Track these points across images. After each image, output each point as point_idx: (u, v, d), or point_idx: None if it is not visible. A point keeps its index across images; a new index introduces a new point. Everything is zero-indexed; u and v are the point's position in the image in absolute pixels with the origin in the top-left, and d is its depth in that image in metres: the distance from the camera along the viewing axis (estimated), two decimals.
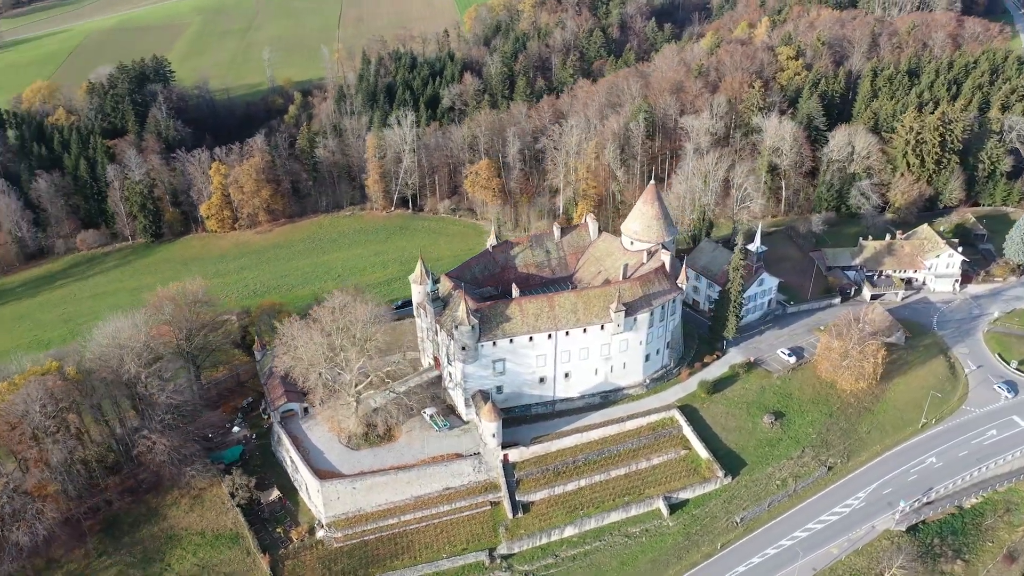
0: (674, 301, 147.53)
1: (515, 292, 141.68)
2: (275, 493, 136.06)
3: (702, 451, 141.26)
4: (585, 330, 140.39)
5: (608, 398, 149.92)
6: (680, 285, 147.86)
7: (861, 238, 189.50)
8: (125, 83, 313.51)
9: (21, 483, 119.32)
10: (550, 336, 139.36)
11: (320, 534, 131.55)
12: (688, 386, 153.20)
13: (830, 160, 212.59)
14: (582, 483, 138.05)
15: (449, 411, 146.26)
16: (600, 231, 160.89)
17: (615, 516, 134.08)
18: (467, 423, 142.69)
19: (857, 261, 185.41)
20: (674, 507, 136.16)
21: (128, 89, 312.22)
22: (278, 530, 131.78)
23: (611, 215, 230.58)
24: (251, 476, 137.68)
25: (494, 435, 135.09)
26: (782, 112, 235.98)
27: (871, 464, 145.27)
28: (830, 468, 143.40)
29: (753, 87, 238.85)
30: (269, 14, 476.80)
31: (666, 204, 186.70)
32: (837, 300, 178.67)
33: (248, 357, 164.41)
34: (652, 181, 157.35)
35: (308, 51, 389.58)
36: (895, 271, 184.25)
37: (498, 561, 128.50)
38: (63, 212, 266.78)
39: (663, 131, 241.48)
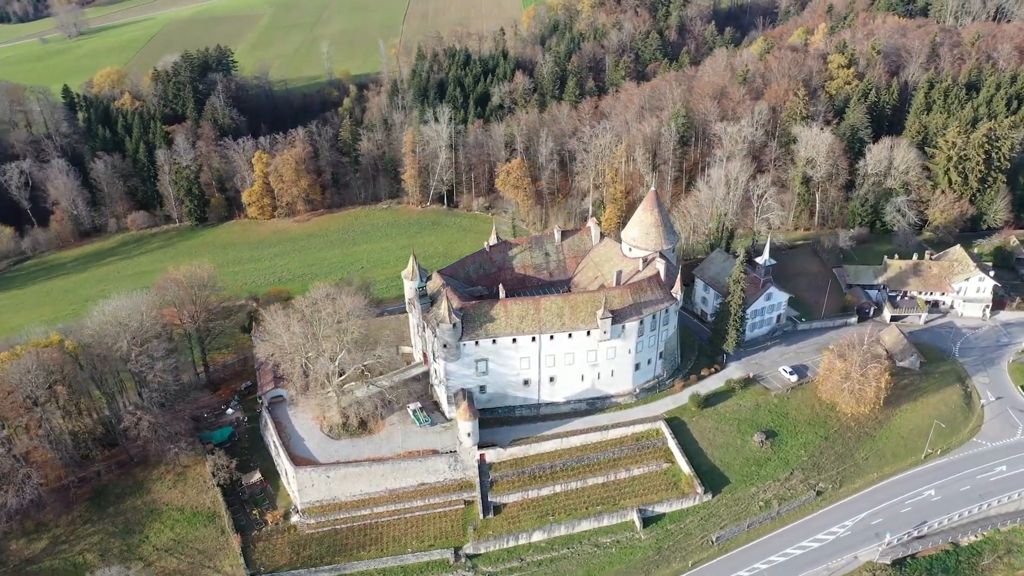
0: (667, 311, 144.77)
1: (502, 293, 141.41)
2: (256, 476, 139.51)
3: (684, 466, 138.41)
4: (571, 335, 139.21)
5: (595, 405, 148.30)
6: (675, 295, 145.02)
7: (886, 256, 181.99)
8: (187, 71, 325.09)
9: (11, 449, 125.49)
10: (534, 339, 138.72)
11: (294, 519, 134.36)
12: (680, 398, 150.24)
13: (866, 174, 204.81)
14: (557, 489, 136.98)
15: (435, 407, 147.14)
16: (602, 236, 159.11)
17: (586, 525, 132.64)
18: (450, 421, 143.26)
19: (880, 280, 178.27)
20: (649, 520, 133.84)
21: (190, 77, 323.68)
22: (254, 512, 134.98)
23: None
24: (236, 458, 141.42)
25: (469, 434, 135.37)
26: (827, 122, 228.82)
27: (864, 492, 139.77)
28: (819, 493, 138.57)
29: (797, 95, 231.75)
30: (338, 8, 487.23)
31: (687, 212, 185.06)
32: (853, 319, 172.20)
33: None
34: (652, 188, 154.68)
35: (368, 46, 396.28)
36: (920, 292, 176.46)
37: (463, 560, 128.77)
38: (120, 193, 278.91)
39: (703, 137, 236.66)
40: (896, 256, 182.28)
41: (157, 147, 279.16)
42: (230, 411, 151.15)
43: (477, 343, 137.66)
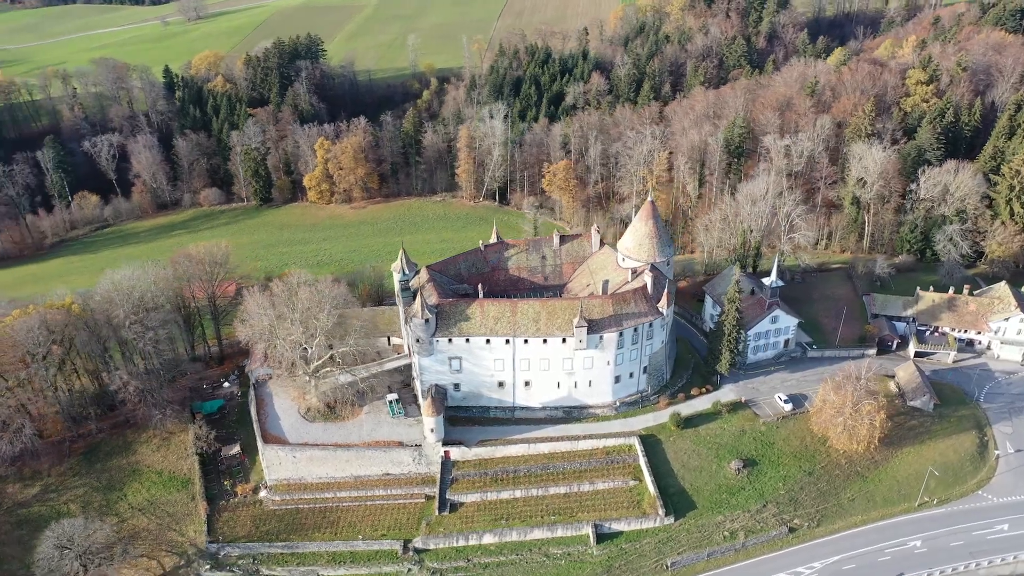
0: (651, 325, 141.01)
1: (480, 293, 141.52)
2: (236, 448, 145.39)
3: (650, 485, 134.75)
4: (545, 341, 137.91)
5: (572, 414, 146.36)
6: (661, 309, 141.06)
7: (919, 288, 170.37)
8: (275, 57, 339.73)
9: (8, 399, 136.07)
10: (508, 341, 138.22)
11: (262, 494, 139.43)
12: (662, 416, 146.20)
13: (918, 198, 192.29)
14: (517, 494, 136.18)
15: (414, 400, 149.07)
16: (602, 244, 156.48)
17: (539, 533, 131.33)
18: None
19: (909, 312, 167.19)
20: (604, 536, 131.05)
21: (277, 63, 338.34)
22: (227, 483, 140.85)
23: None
24: (223, 430, 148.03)
25: (433, 430, 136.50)
26: (894, 141, 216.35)
27: (843, 534, 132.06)
28: (792, 530, 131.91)
29: (863, 110, 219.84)
30: (439, 1, 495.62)
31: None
32: (872, 351, 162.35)
33: None
34: (649, 198, 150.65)
35: (459, 40, 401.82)
36: (953, 329, 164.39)
37: (411, 553, 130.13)
38: (201, 170, 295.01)
39: (763, 149, 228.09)
40: (931, 288, 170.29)
41: (239, 129, 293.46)
42: (226, 385, 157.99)
43: (451, 341, 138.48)
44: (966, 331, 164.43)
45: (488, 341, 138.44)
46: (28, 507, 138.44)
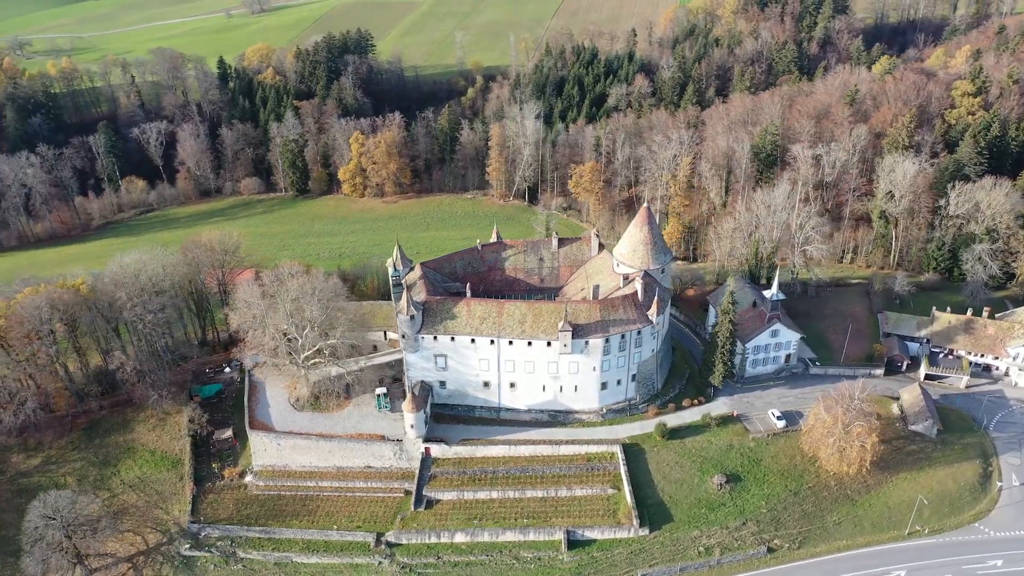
0: (639, 333, 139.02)
1: (468, 292, 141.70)
2: (228, 433, 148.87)
3: (628, 495, 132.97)
4: (530, 343, 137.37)
5: (557, 418, 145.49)
6: (650, 318, 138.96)
7: (935, 308, 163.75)
8: (324, 51, 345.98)
9: (16, 373, 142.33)
10: (493, 342, 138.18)
11: (247, 479, 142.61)
12: (649, 425, 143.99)
13: (946, 214, 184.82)
14: (494, 495, 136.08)
15: (404, 395, 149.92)
16: (601, 248, 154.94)
17: (511, 536, 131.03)
18: None
19: (922, 332, 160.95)
20: (576, 543, 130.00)
21: (326, 57, 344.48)
22: (215, 466, 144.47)
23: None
24: (219, 414, 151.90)
25: (413, 426, 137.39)
26: (934, 155, 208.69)
27: (824, 558, 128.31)
28: (772, 550, 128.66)
29: (903, 121, 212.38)
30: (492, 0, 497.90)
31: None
32: (879, 371, 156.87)
33: None
34: (645, 204, 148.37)
35: (509, 38, 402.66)
36: (968, 353, 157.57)
37: (383, 547, 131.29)
38: (247, 159, 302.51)
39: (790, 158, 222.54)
40: (948, 309, 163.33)
41: (283, 120, 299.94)
42: (228, 370, 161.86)
43: (436, 338, 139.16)
44: (982, 356, 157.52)
45: (473, 341, 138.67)
46: (29, 477, 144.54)
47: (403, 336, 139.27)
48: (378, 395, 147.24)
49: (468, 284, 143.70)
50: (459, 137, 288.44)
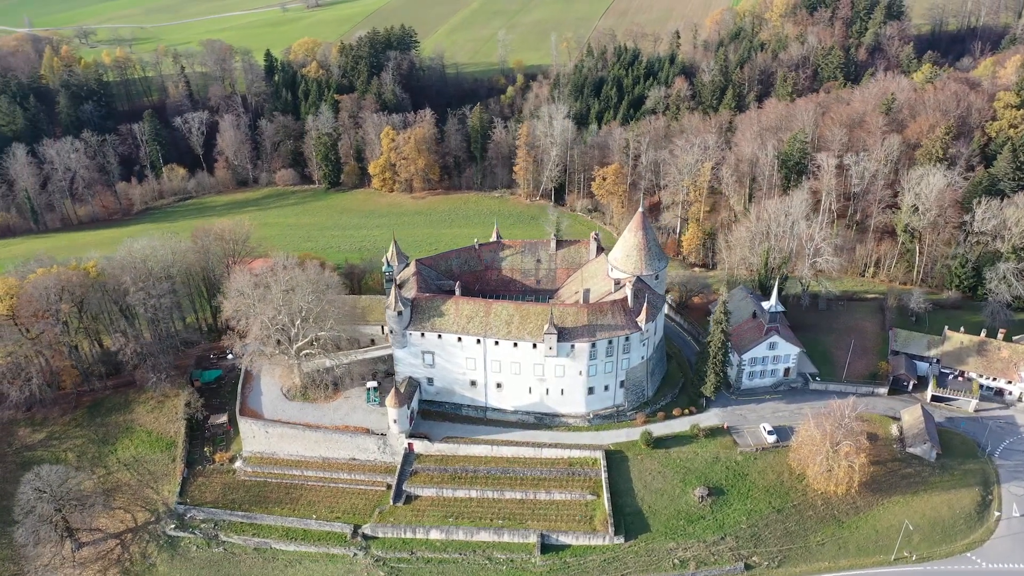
0: (627, 339, 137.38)
1: (457, 291, 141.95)
2: (223, 418, 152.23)
3: (606, 502, 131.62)
4: (516, 344, 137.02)
5: (543, 421, 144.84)
6: (639, 324, 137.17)
7: (947, 327, 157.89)
8: (367, 47, 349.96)
9: (25, 349, 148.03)
10: (479, 341, 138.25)
11: (237, 464, 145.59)
12: (636, 432, 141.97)
13: (971, 231, 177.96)
14: (473, 494, 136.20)
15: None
16: (600, 251, 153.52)
17: (485, 536, 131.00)
18: None
19: (932, 352, 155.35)
20: (550, 548, 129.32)
21: (368, 52, 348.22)
22: (207, 449, 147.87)
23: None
24: (213, 399, 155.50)
25: (395, 420, 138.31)
26: (969, 168, 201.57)
27: None
28: (749, 567, 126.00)
29: (938, 132, 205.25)
30: None
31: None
32: (883, 390, 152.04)
33: None
34: (640, 209, 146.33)
35: (556, 37, 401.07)
36: (980, 376, 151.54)
37: (359, 539, 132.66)
38: (286, 152, 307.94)
39: (814, 167, 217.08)
40: (962, 329, 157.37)
41: (319, 113, 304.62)
42: (230, 356, 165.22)
43: (423, 335, 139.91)
44: (995, 379, 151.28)
45: (460, 339, 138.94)
46: (33, 450, 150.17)
47: (391, 331, 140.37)
48: (368, 389, 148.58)
49: (458, 283, 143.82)
50: (491, 135, 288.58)
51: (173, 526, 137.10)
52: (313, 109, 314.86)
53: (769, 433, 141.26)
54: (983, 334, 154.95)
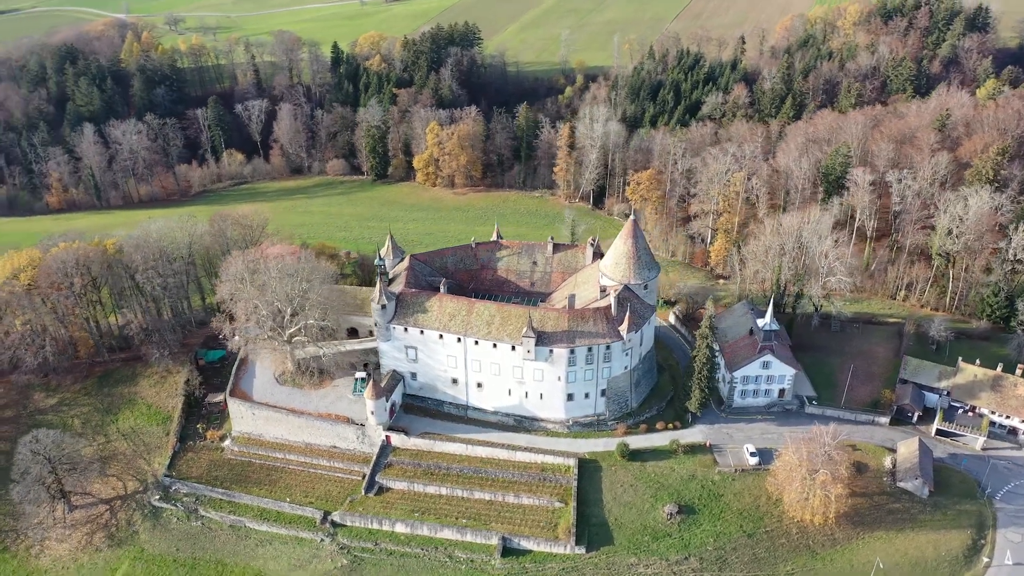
0: (608, 348, 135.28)
1: (442, 288, 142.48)
2: (220, 397, 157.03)
3: (572, 511, 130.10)
4: (495, 345, 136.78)
5: (523, 424, 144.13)
6: (621, 333, 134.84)
7: (960, 358, 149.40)
8: (428, 42, 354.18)
9: (41, 317, 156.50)
10: (460, 340, 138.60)
11: (226, 443, 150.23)
12: (613, 443, 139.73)
13: (1006, 258, 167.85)
14: (443, 491, 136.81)
15: None
16: (596, 257, 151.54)
17: (448, 534, 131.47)
18: None
19: (943, 384, 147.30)
20: (511, 551, 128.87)
21: (429, 47, 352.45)
22: (200, 426, 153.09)
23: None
24: (213, 378, 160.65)
25: (372, 412, 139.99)
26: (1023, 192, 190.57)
27: None
28: None
29: (989, 152, 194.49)
30: None
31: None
32: (884, 419, 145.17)
33: None
34: (632, 216, 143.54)
35: (625, 38, 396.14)
36: (992, 412, 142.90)
37: (327, 525, 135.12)
38: (343, 142, 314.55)
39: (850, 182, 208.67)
40: (977, 361, 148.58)
41: (384, 107, 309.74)
42: (236, 338, 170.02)
43: (407, 330, 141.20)
44: (1008, 417, 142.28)
45: (441, 336, 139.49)
46: (45, 414, 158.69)
47: (375, 324, 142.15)
48: (356, 379, 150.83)
49: (444, 280, 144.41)
50: (539, 135, 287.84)
51: (158, 497, 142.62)
52: (368, 101, 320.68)
53: (752, 455, 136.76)
54: (999, 368, 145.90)
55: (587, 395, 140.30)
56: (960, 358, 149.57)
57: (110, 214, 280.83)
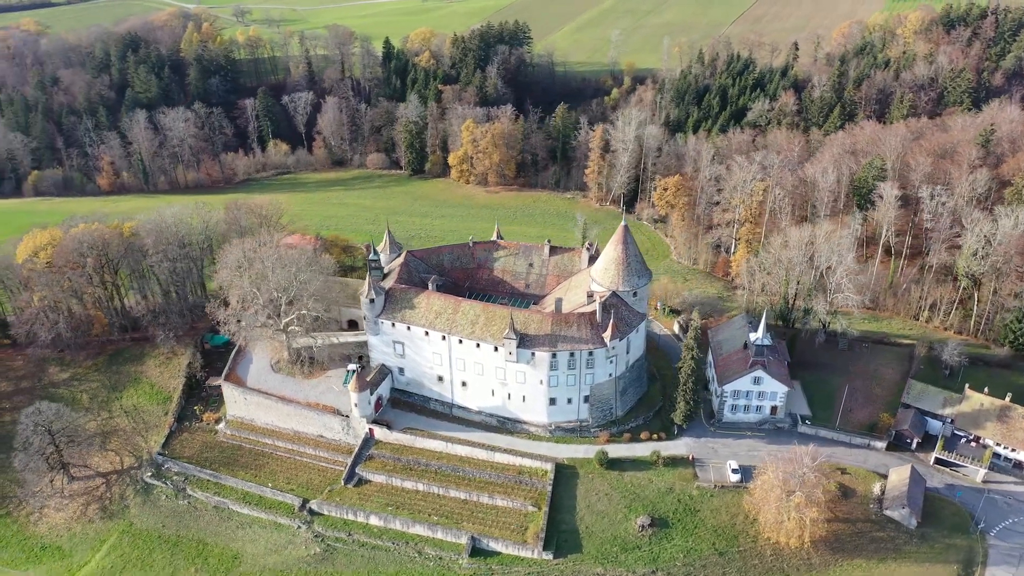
0: (591, 354, 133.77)
1: (430, 286, 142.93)
2: (219, 381, 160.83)
3: (544, 516, 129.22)
4: (479, 345, 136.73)
5: (505, 425, 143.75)
6: (605, 340, 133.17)
7: (968, 385, 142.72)
8: (477, 39, 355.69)
9: (57, 293, 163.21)
10: (444, 337, 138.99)
11: (220, 426, 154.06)
12: (594, 450, 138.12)
13: None
14: (420, 487, 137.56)
15: None
16: (591, 262, 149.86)
17: (419, 530, 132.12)
18: None
19: (948, 411, 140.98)
20: (479, 552, 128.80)
21: (477, 45, 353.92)
22: (198, 408, 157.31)
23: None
24: (216, 362, 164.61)
25: (356, 404, 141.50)
26: None
27: None
28: None
29: None
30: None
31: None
32: (880, 444, 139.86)
33: None
34: (623, 223, 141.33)
35: (683, 40, 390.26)
36: (997, 444, 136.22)
37: (304, 513, 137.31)
38: (388, 136, 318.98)
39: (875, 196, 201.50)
40: (986, 389, 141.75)
41: (427, 102, 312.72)
42: (228, 325, 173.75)
43: (394, 325, 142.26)
44: (1013, 450, 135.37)
45: (427, 333, 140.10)
46: (57, 387, 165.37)
47: (364, 318, 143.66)
48: (348, 371, 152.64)
49: (433, 277, 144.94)
50: (577, 136, 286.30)
51: (150, 474, 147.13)
52: (417, 97, 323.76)
53: (734, 471, 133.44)
54: (1007, 398, 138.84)
55: (570, 400, 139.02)
56: (967, 385, 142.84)
57: (155, 198, 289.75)
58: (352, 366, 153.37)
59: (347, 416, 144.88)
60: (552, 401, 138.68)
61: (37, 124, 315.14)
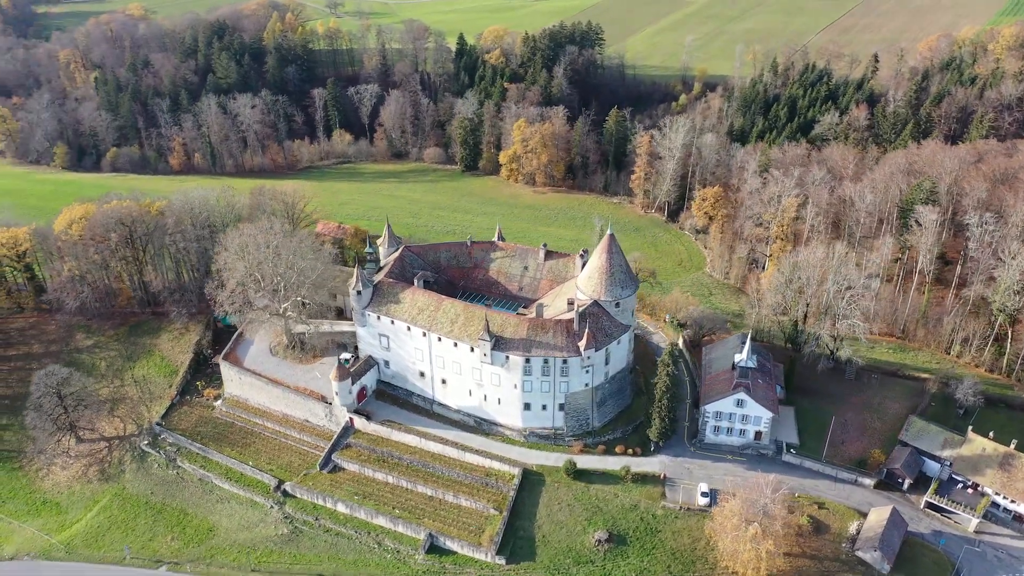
0: (565, 362, 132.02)
1: (417, 283, 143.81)
2: (218, 358, 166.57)
3: (502, 521, 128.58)
4: (456, 344, 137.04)
5: (482, 426, 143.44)
6: (580, 349, 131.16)
7: (971, 428, 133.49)
8: (546, 39, 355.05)
9: (84, 264, 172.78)
10: (425, 334, 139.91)
11: (218, 403, 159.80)
12: (564, 459, 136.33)
13: None
14: (390, 479, 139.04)
15: None
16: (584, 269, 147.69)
17: (381, 521, 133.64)
18: None
19: (946, 453, 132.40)
20: (436, 549, 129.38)
21: (546, 45, 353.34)
22: (199, 384, 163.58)
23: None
24: (224, 341, 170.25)
25: (336, 393, 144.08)
26: None
27: None
28: None
29: None
30: (768, 7, 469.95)
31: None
32: (869, 481, 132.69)
33: None
34: (610, 231, 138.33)
35: (765, 47, 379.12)
36: (997, 492, 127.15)
37: (278, 493, 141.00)
38: (449, 131, 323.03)
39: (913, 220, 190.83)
40: (991, 434, 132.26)
41: (492, 100, 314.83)
42: (225, 306, 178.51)
43: (379, 318, 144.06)
44: (1013, 501, 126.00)
45: (409, 329, 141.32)
46: (80, 353, 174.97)
47: (352, 309, 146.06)
48: (340, 359, 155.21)
49: (421, 273, 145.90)
50: (632, 140, 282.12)
51: (147, 442, 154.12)
52: (483, 94, 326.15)
53: (703, 495, 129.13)
54: (1012, 445, 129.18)
55: (544, 407, 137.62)
56: (971, 427, 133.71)
57: (220, 179, 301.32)
58: (345, 355, 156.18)
59: (328, 403, 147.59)
60: (527, 406, 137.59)
61: (125, 104, 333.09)
